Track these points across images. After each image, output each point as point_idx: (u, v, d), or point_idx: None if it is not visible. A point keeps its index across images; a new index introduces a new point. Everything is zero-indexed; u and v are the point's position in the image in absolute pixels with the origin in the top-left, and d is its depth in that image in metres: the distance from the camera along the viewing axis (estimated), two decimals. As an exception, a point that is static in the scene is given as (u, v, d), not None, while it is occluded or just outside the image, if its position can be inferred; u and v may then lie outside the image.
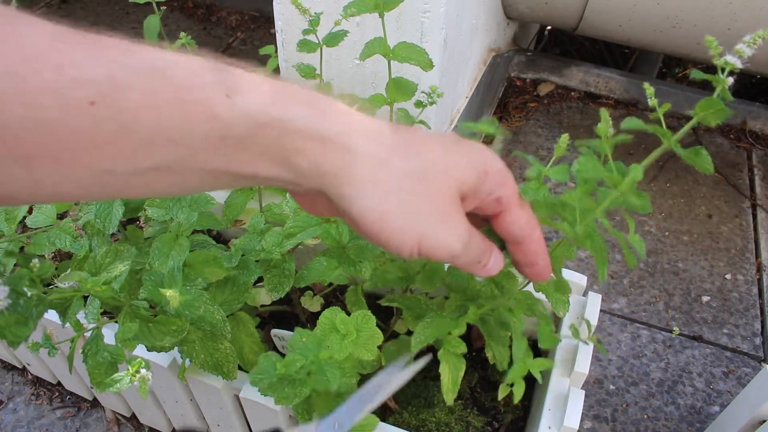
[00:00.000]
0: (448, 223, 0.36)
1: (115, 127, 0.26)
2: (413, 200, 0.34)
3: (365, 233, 0.35)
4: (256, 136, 0.30)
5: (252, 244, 0.72)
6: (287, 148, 0.31)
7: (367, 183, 0.33)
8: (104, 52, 0.27)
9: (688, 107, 1.54)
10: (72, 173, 0.27)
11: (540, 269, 0.43)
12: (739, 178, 1.46)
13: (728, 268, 1.26)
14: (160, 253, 0.62)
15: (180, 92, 0.28)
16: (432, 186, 0.35)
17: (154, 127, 0.27)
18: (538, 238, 0.42)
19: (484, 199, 0.38)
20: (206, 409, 0.81)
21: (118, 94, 0.26)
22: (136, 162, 0.28)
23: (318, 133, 0.32)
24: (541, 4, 1.45)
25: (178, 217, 0.64)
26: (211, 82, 0.29)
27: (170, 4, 2.05)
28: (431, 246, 0.35)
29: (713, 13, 1.27)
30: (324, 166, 0.32)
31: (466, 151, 0.37)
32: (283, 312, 0.92)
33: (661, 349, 1.12)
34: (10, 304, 0.45)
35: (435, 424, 0.81)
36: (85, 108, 0.26)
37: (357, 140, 0.33)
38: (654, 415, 1.02)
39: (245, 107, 0.29)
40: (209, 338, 0.65)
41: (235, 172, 0.31)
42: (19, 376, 1.08)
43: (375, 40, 0.69)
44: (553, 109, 1.63)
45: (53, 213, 0.76)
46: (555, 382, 0.72)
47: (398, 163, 0.34)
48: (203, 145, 0.29)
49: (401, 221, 0.34)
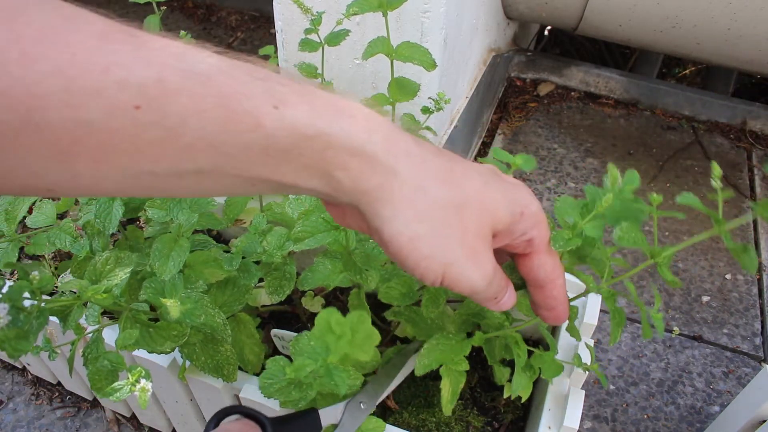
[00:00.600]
0: (476, 260, 0.36)
1: (158, 131, 0.26)
2: (446, 231, 0.34)
3: (393, 255, 0.35)
4: (301, 149, 0.30)
5: (253, 246, 0.72)
6: (331, 162, 0.31)
7: (405, 206, 0.33)
8: (152, 54, 0.26)
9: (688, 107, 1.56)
10: (111, 172, 0.27)
11: (558, 313, 0.43)
12: (739, 178, 1.46)
13: (728, 268, 1.26)
14: (160, 254, 0.62)
15: (227, 100, 0.27)
16: (466, 220, 0.35)
17: (197, 133, 0.27)
18: (561, 285, 0.42)
19: (516, 238, 0.38)
20: (206, 409, 0.81)
21: (164, 99, 0.26)
22: (176, 166, 0.28)
23: (363, 150, 0.31)
24: (541, 4, 1.45)
25: (178, 218, 0.64)
26: (261, 92, 0.29)
27: (170, 4, 2.05)
28: (455, 279, 0.36)
29: (713, 13, 1.27)
30: (365, 184, 0.32)
31: (505, 188, 0.37)
32: (284, 311, 0.92)
33: (661, 349, 1.12)
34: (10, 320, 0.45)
35: (435, 424, 0.81)
36: (129, 111, 0.25)
37: (401, 162, 0.33)
38: (654, 415, 1.02)
39: (293, 120, 0.29)
40: (210, 341, 0.65)
41: (275, 181, 0.31)
42: (19, 376, 1.08)
43: (378, 39, 0.69)
44: (553, 109, 1.63)
45: (53, 213, 0.76)
46: (555, 382, 0.72)
47: (437, 191, 0.34)
48: (245, 154, 0.29)
49: (430, 248, 0.34)
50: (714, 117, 1.59)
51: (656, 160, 1.48)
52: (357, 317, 0.60)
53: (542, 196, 1.38)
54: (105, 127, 0.25)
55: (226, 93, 0.28)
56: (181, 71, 0.27)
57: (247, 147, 0.28)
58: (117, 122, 0.25)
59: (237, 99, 0.28)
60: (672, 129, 1.57)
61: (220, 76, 0.28)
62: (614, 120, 1.59)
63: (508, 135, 1.55)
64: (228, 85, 0.28)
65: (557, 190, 1.40)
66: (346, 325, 0.59)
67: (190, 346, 0.65)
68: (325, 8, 0.87)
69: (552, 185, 1.41)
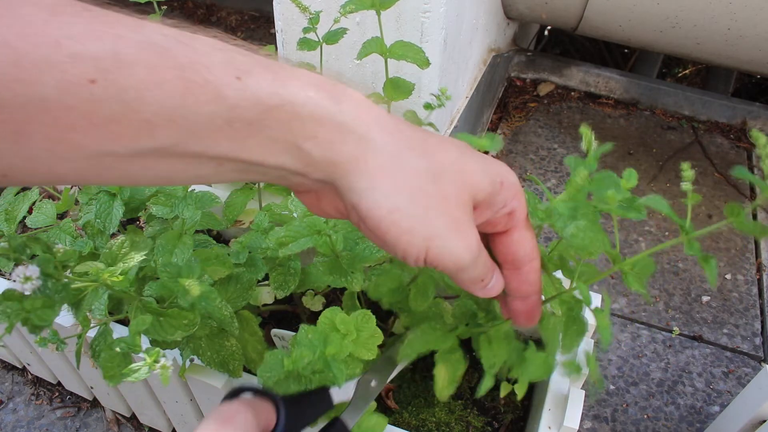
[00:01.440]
0: (459, 231, 0.33)
1: (115, 106, 0.25)
2: (425, 201, 0.32)
3: (372, 231, 0.33)
4: (267, 120, 0.28)
5: (258, 242, 0.72)
6: (298, 133, 0.29)
7: (382, 176, 0.31)
8: (106, 26, 0.25)
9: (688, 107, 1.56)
10: (69, 153, 0.26)
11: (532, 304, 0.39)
12: (739, 178, 1.46)
13: (728, 268, 1.26)
14: (164, 250, 0.62)
15: (185, 71, 0.26)
16: (446, 188, 0.33)
17: (156, 106, 0.26)
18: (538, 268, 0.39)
19: (497, 211, 0.36)
20: (206, 409, 0.81)
21: (120, 71, 0.25)
22: (137, 143, 0.26)
23: (333, 118, 0.30)
24: (541, 5, 1.45)
25: (183, 214, 0.64)
26: (220, 62, 0.27)
27: (170, 3, 2.05)
28: (439, 254, 0.33)
29: (713, 13, 1.27)
30: (337, 155, 0.30)
31: (482, 159, 0.35)
32: (284, 312, 0.92)
33: (661, 349, 1.12)
34: (40, 285, 0.45)
35: (435, 424, 0.81)
36: (84, 85, 0.24)
37: (374, 130, 0.31)
38: (654, 415, 1.02)
39: (256, 89, 0.28)
40: (216, 335, 0.66)
41: (241, 159, 0.29)
42: (19, 376, 1.08)
43: (372, 39, 0.69)
44: (553, 109, 1.63)
45: (53, 213, 0.76)
46: (555, 382, 0.72)
47: (413, 159, 0.32)
48: (208, 127, 0.27)
49: (410, 221, 0.32)
50: (714, 117, 1.59)
51: (656, 160, 1.48)
52: (362, 316, 0.60)
53: (542, 196, 1.38)
54: (59, 103, 0.24)
55: (185, 64, 0.26)
56: (137, 43, 0.25)
57: (209, 120, 0.27)
58: (72, 97, 0.24)
59: (196, 70, 0.26)
60: (672, 129, 1.57)
61: (178, 47, 0.27)
62: (614, 120, 1.59)
63: (508, 135, 1.55)
64: (187, 56, 0.27)
65: (557, 190, 1.40)
66: (351, 324, 0.59)
67: (196, 340, 0.65)
68: (323, 7, 0.87)
69: (552, 185, 1.41)
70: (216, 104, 0.27)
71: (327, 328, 0.58)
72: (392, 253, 0.33)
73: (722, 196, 1.41)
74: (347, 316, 0.59)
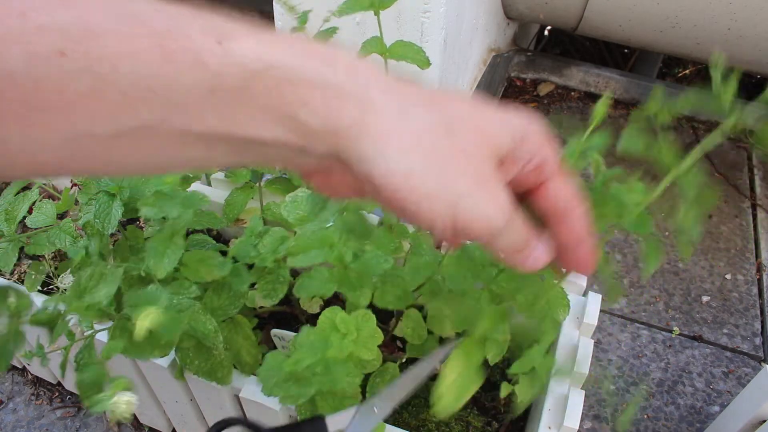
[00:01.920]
0: (485, 189, 0.29)
1: (89, 80, 0.23)
2: (440, 158, 0.28)
3: (390, 201, 0.29)
4: (254, 88, 0.26)
5: (246, 250, 0.71)
6: (290, 100, 0.27)
7: (389, 139, 0.28)
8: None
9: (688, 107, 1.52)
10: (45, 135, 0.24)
11: (585, 251, 0.35)
12: (739, 178, 1.46)
13: (728, 268, 1.26)
14: (155, 252, 0.62)
15: (162, 39, 0.24)
16: (462, 141, 0.29)
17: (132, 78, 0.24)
18: (584, 214, 0.35)
19: (524, 166, 0.32)
20: (206, 409, 0.81)
21: (91, 42, 0.23)
22: (116, 122, 0.25)
23: (326, 81, 0.27)
24: (541, 5, 1.45)
25: (169, 214, 0.63)
26: (200, 27, 0.26)
27: (170, 4, 2.05)
28: (468, 219, 0.29)
29: (713, 13, 1.27)
30: (337, 121, 0.27)
31: (498, 110, 0.31)
32: (283, 312, 0.92)
33: (661, 349, 1.12)
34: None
35: (435, 424, 0.81)
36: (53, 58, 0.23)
37: (373, 89, 0.28)
38: (654, 415, 1.02)
39: (240, 54, 0.26)
40: (203, 345, 0.65)
41: (232, 135, 0.27)
42: (19, 376, 1.08)
43: (372, 39, 0.69)
44: (553, 109, 1.63)
45: (53, 213, 0.76)
46: (555, 382, 0.72)
47: (420, 115, 0.29)
48: (189, 98, 0.25)
49: (430, 183, 0.28)
50: (714, 117, 1.60)
51: (656, 160, 1.48)
52: (362, 316, 0.60)
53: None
54: (28, 78, 0.23)
55: (161, 31, 0.25)
56: (109, 11, 0.24)
57: (191, 90, 0.25)
58: (41, 71, 0.23)
59: (173, 37, 0.25)
60: (672, 129, 1.57)
61: (154, 14, 0.25)
62: (614, 120, 1.59)
63: (508, 135, 1.55)
64: (163, 23, 0.25)
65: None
66: (351, 324, 0.59)
67: (183, 350, 0.65)
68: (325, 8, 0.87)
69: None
70: (197, 72, 0.25)
71: (327, 328, 0.58)
72: (418, 223, 0.30)
73: (722, 196, 1.41)
74: (347, 316, 0.59)
